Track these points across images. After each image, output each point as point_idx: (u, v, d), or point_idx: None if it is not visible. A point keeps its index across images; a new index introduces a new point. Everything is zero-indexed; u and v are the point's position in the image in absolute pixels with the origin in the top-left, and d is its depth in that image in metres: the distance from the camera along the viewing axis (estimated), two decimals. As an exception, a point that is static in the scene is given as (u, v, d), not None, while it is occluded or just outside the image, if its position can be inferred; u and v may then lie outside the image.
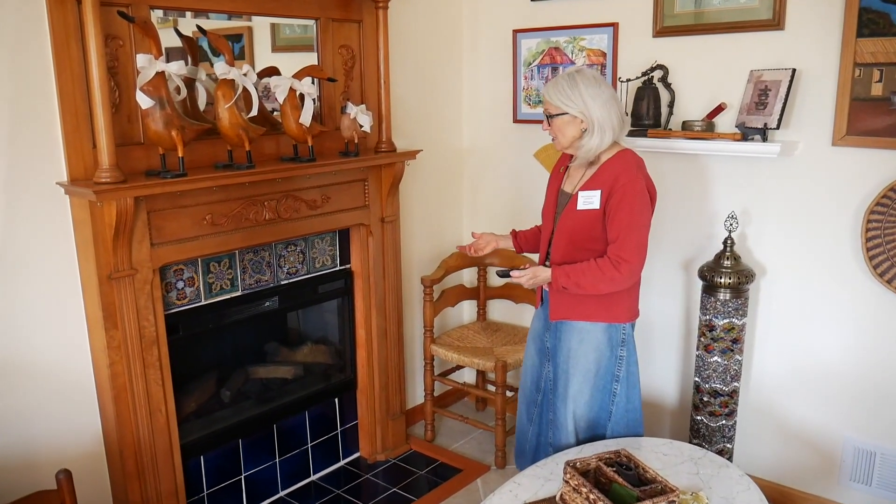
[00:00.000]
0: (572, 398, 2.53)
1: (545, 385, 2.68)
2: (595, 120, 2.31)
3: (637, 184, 2.33)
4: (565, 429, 2.56)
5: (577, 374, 2.51)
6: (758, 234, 2.92)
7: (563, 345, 2.53)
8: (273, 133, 2.78)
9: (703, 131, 2.86)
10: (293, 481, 3.21)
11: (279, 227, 2.79)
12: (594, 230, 2.37)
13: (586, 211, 2.37)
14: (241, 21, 2.74)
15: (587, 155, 2.38)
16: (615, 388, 2.55)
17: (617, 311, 2.47)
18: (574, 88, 2.31)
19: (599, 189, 2.35)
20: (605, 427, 2.58)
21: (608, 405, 2.57)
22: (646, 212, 2.37)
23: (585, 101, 2.30)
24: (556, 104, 2.35)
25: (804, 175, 2.77)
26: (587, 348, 2.49)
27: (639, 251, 2.35)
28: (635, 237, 2.33)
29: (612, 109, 2.33)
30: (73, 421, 2.43)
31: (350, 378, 3.36)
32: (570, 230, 2.42)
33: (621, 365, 2.53)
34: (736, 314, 2.77)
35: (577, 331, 2.49)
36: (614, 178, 2.33)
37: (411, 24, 3.40)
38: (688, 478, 2.27)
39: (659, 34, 3.02)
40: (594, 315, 2.46)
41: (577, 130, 2.35)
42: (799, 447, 2.97)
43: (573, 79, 2.33)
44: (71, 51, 2.19)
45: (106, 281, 2.31)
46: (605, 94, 2.33)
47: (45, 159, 2.24)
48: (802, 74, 2.69)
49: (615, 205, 2.32)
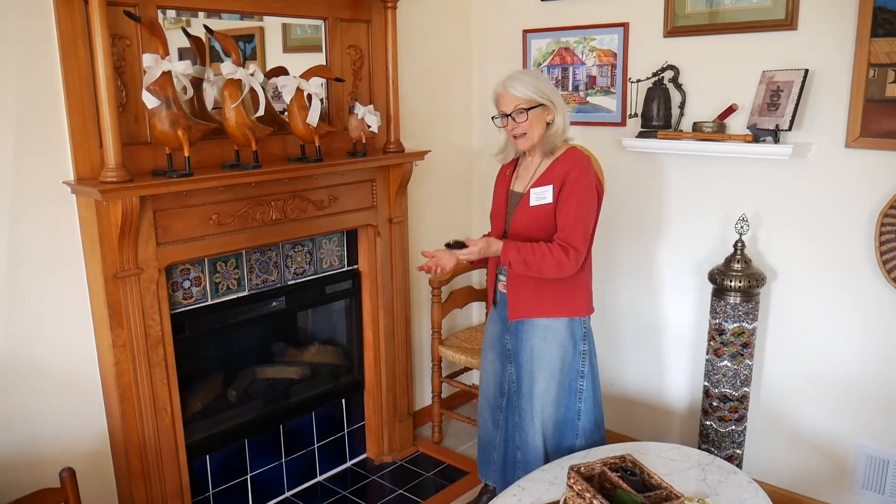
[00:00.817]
0: (539, 397, 2.52)
1: (508, 388, 2.67)
2: (558, 105, 2.40)
3: (587, 177, 2.38)
4: (532, 429, 2.56)
5: (542, 372, 2.51)
6: (769, 238, 2.89)
7: (525, 344, 2.53)
8: (280, 133, 2.77)
9: (714, 133, 2.82)
10: (299, 482, 3.20)
11: (286, 227, 2.79)
12: (548, 225, 2.42)
13: (539, 206, 2.41)
14: (252, 21, 2.74)
15: (556, 140, 2.42)
16: (581, 385, 2.56)
17: (576, 305, 2.50)
18: (538, 79, 2.39)
19: (552, 184, 2.40)
20: (574, 426, 2.58)
21: (575, 403, 2.57)
22: (593, 206, 2.42)
23: (549, 88, 2.40)
24: (529, 97, 2.37)
25: (817, 177, 2.72)
26: (551, 345, 2.49)
27: (585, 242, 2.39)
28: (582, 228, 2.38)
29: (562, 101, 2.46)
30: (79, 419, 2.44)
31: (357, 379, 3.35)
32: (524, 227, 2.45)
33: (585, 360, 2.55)
34: (746, 318, 2.74)
35: (540, 328, 2.49)
36: (565, 172, 2.39)
37: (420, 23, 3.38)
38: (695, 484, 2.24)
39: (670, 34, 2.99)
40: (555, 311, 2.48)
41: (545, 121, 2.41)
42: (810, 454, 2.93)
43: (531, 73, 2.45)
44: (78, 50, 2.19)
45: (112, 280, 2.31)
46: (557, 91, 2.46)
47: (52, 158, 2.25)
48: (815, 75, 2.66)
49: (566, 196, 2.37)
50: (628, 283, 3.36)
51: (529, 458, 2.58)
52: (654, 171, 3.16)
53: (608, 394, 3.52)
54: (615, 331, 3.46)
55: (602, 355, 3.50)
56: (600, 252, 3.40)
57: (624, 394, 3.49)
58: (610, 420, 3.51)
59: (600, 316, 3.48)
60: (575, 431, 2.59)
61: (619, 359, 3.48)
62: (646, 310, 3.33)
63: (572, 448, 2.57)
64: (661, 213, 3.18)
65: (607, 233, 3.37)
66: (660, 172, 3.14)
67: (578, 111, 3.34)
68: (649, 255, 3.27)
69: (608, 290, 3.44)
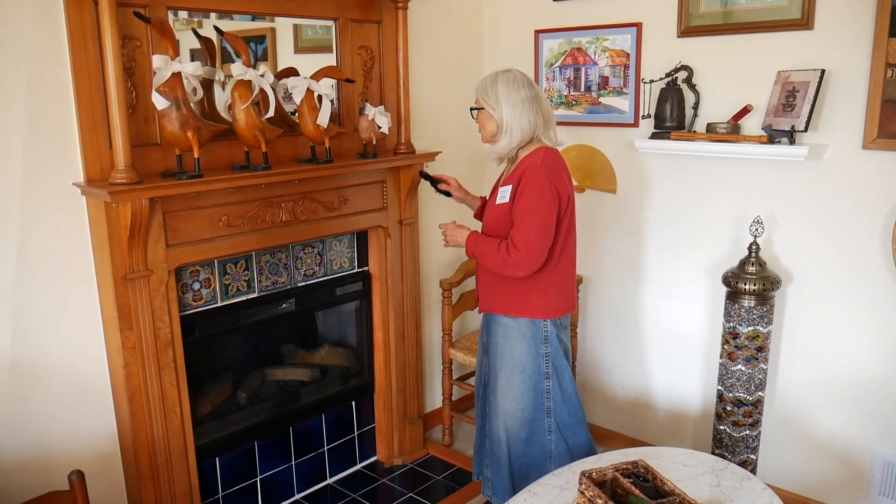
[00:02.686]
0: (501, 391, 2.56)
1: (484, 380, 2.71)
2: (504, 121, 2.37)
3: (537, 178, 2.34)
4: (496, 420, 2.61)
5: (503, 367, 2.55)
6: (784, 240, 2.85)
7: (491, 339, 2.59)
8: (290, 134, 2.76)
9: (728, 134, 2.79)
10: (309, 484, 3.19)
11: (296, 228, 2.78)
12: (507, 224, 2.43)
13: (501, 205, 2.44)
14: (263, 23, 2.73)
15: (499, 151, 2.44)
16: (547, 386, 2.56)
17: (531, 307, 2.49)
18: (493, 87, 2.39)
19: (511, 184, 2.42)
20: (544, 424, 2.59)
21: (543, 402, 2.58)
22: (542, 206, 2.34)
23: (499, 101, 2.37)
24: (477, 97, 2.44)
25: (833, 179, 2.69)
26: (511, 343, 2.53)
27: (528, 243, 2.34)
28: (526, 228, 2.34)
29: (524, 112, 2.37)
30: (88, 421, 2.43)
31: (367, 381, 3.34)
32: (488, 223, 2.51)
33: (548, 361, 2.54)
34: (761, 322, 2.70)
35: (503, 326, 2.54)
36: (521, 172, 2.39)
37: (431, 24, 3.36)
38: (708, 490, 2.21)
39: (684, 34, 2.96)
40: (510, 308, 2.51)
41: (495, 127, 2.42)
42: (826, 459, 2.89)
43: (495, 78, 2.41)
44: (88, 51, 2.19)
45: (121, 281, 2.31)
46: (519, 96, 2.36)
47: (62, 160, 2.25)
48: (832, 75, 2.62)
49: (517, 195, 2.38)
50: (640, 286, 3.33)
51: (494, 449, 2.64)
52: (667, 173, 3.13)
53: (620, 397, 3.50)
54: (627, 334, 3.43)
55: (614, 358, 3.47)
56: (613, 254, 3.38)
57: (636, 397, 3.46)
58: (621, 424, 3.49)
59: (612, 318, 3.45)
60: (545, 428, 2.59)
61: (631, 362, 3.45)
62: (658, 313, 3.30)
63: (545, 444, 2.59)
64: (674, 215, 3.15)
65: (619, 235, 3.35)
66: (673, 174, 3.11)
67: (591, 112, 3.32)
68: (662, 257, 3.23)
69: (620, 293, 3.41)
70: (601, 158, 3.32)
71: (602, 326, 3.49)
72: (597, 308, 3.49)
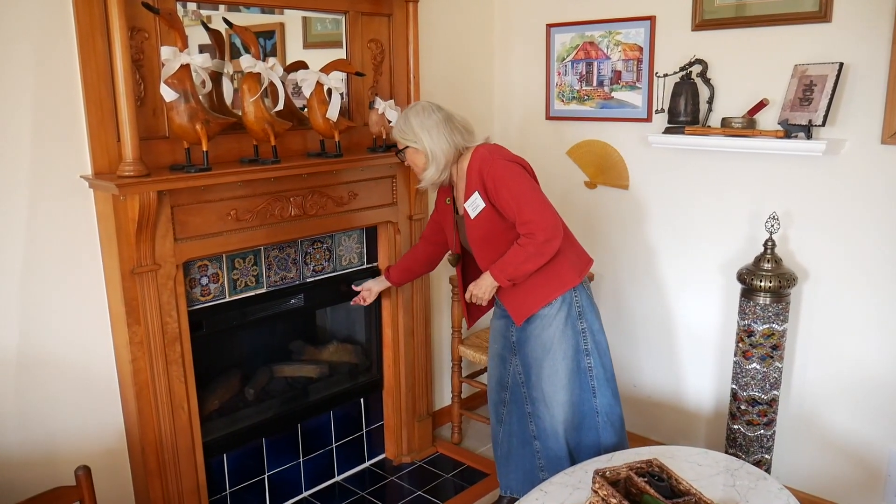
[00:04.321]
0: (547, 382, 2.53)
1: (513, 381, 2.67)
2: (427, 148, 2.42)
3: (497, 163, 2.38)
4: (547, 415, 2.56)
5: (546, 357, 2.52)
6: (800, 237, 2.80)
7: (528, 334, 2.55)
8: (300, 128, 2.74)
9: (743, 128, 2.75)
10: (317, 482, 3.17)
11: (305, 223, 2.75)
12: (498, 225, 2.43)
13: (480, 214, 2.43)
14: (272, 16, 2.71)
15: (432, 179, 2.47)
16: (589, 363, 2.56)
17: (567, 276, 2.49)
18: (406, 123, 2.45)
19: (475, 190, 2.41)
20: (592, 405, 2.58)
21: (588, 382, 2.56)
22: (522, 179, 2.39)
23: (416, 133, 2.42)
24: (398, 139, 2.49)
25: (851, 175, 2.64)
26: (550, 332, 2.51)
27: (542, 213, 2.36)
28: (529, 205, 2.35)
29: (441, 135, 2.42)
30: (95, 417, 2.41)
31: (376, 378, 3.31)
32: (481, 239, 2.48)
33: (586, 337, 2.54)
34: (776, 319, 2.66)
35: (538, 317, 2.51)
36: (477, 174, 2.40)
37: (442, 17, 3.33)
38: (723, 490, 2.17)
39: (698, 27, 2.91)
40: (550, 294, 2.48)
41: (423, 158, 2.45)
42: (842, 460, 2.85)
43: (405, 114, 2.48)
44: (96, 43, 2.16)
45: (129, 276, 2.28)
46: (431, 121, 2.43)
47: (70, 152, 2.23)
48: (850, 69, 2.57)
49: (494, 193, 2.37)
50: (653, 283, 3.29)
51: (550, 445, 2.59)
52: (681, 168, 3.08)
53: (632, 395, 3.46)
54: (640, 331, 3.39)
55: (626, 356, 3.44)
56: (626, 250, 3.35)
57: (648, 396, 3.42)
58: (634, 422, 3.45)
59: (625, 315, 3.42)
60: (594, 410, 2.58)
61: (643, 360, 3.41)
62: (671, 310, 3.26)
63: (597, 429, 2.58)
64: (688, 212, 3.11)
65: (631, 231, 3.31)
66: (687, 169, 3.07)
67: (603, 107, 3.28)
68: (675, 253, 3.19)
69: (633, 290, 3.37)
70: (613, 154, 3.28)
71: (613, 324, 3.44)
72: (608, 305, 3.45)
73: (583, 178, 3.42)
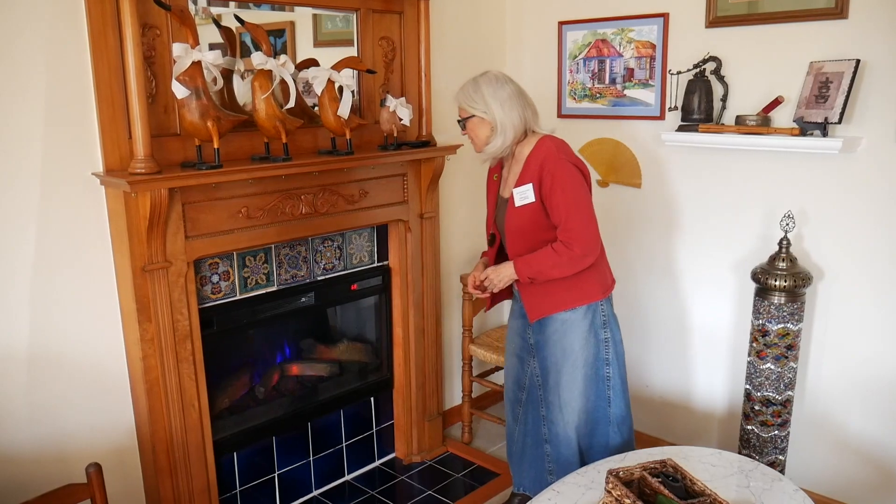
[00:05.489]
0: (565, 388, 2.50)
1: (531, 382, 2.64)
2: (497, 119, 2.36)
3: (561, 164, 2.33)
4: (560, 420, 2.54)
5: (565, 363, 2.49)
6: (816, 236, 2.77)
7: (547, 338, 2.51)
8: (311, 126, 2.73)
9: (758, 126, 2.72)
10: (327, 481, 3.16)
11: (316, 221, 2.74)
12: (539, 222, 2.39)
13: (525, 206, 2.39)
14: (283, 14, 2.70)
15: (494, 152, 2.42)
16: (608, 373, 2.53)
17: (590, 290, 2.45)
18: (477, 90, 2.38)
19: (530, 182, 2.37)
20: (606, 413, 2.55)
21: (604, 391, 2.54)
22: (580, 189, 2.36)
23: (487, 102, 2.36)
24: (463, 107, 2.42)
25: (867, 173, 2.61)
26: (572, 337, 2.47)
27: (587, 227, 2.34)
28: (579, 215, 2.33)
29: (514, 107, 2.37)
30: (106, 414, 2.41)
31: (386, 377, 3.30)
32: (517, 229, 2.43)
33: (608, 347, 2.51)
34: (791, 319, 2.63)
35: (560, 321, 2.47)
36: (539, 166, 2.35)
37: (453, 15, 3.32)
38: (737, 491, 2.15)
39: (712, 24, 2.89)
40: (571, 301, 2.44)
41: (488, 130, 2.40)
42: (857, 461, 2.81)
43: (476, 82, 2.40)
44: (108, 40, 2.16)
45: (140, 273, 2.28)
46: (505, 92, 2.37)
47: (81, 149, 2.22)
48: (867, 66, 2.54)
49: (548, 191, 2.33)
50: (666, 282, 3.26)
51: (562, 450, 2.57)
52: (695, 167, 3.06)
53: (644, 395, 3.43)
54: (652, 331, 3.36)
55: (639, 356, 3.41)
56: (638, 249, 3.32)
57: (661, 396, 3.39)
58: (646, 423, 3.43)
59: (637, 315, 3.39)
60: (607, 418, 2.56)
61: (655, 360, 3.38)
62: (684, 309, 3.23)
63: (606, 436, 2.56)
64: (702, 210, 3.08)
65: (643, 230, 3.28)
66: (700, 168, 3.04)
67: (615, 105, 3.25)
68: (688, 253, 3.16)
69: (645, 289, 3.34)
70: (626, 152, 3.26)
71: (626, 324, 3.40)
72: (620, 305, 3.39)
73: (595, 176, 3.39)
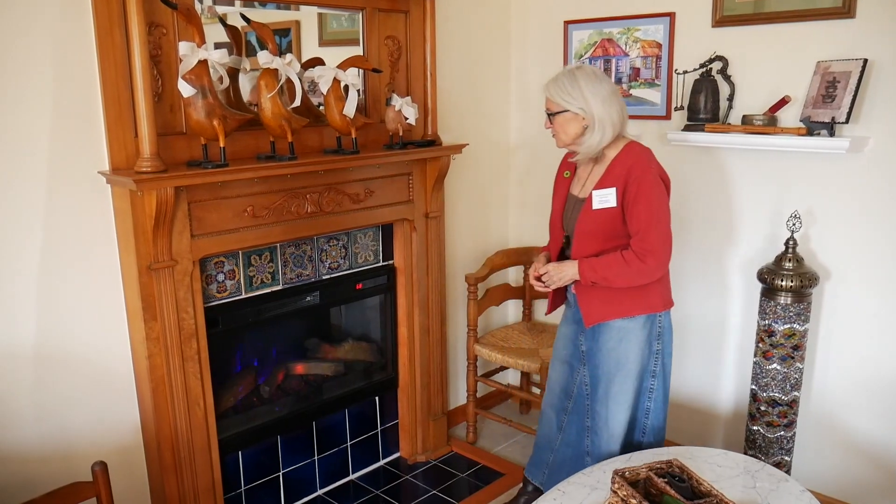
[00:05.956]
0: (614, 400, 2.46)
1: (579, 391, 2.60)
2: (596, 116, 2.29)
3: (650, 175, 2.29)
4: (606, 432, 2.49)
5: (618, 373, 2.44)
6: (822, 236, 2.76)
7: (601, 346, 2.46)
8: (316, 125, 2.72)
9: (764, 126, 2.71)
10: (332, 480, 3.16)
11: (321, 220, 2.74)
12: (614, 228, 2.33)
13: (603, 210, 2.33)
14: (289, 13, 2.70)
15: (588, 152, 2.35)
16: (651, 385, 2.50)
17: (652, 301, 2.41)
18: (574, 85, 2.29)
19: (613, 186, 2.31)
20: (641, 425, 2.53)
21: (644, 402, 2.51)
22: (664, 201, 2.32)
23: (586, 98, 2.28)
24: (556, 101, 2.33)
25: (874, 173, 2.60)
26: (627, 347, 2.42)
27: (664, 241, 2.30)
28: (658, 228, 2.29)
29: (613, 105, 2.30)
30: (111, 413, 2.41)
31: (391, 376, 3.30)
32: (589, 232, 2.37)
33: (657, 359, 2.48)
34: (797, 319, 2.62)
35: (616, 329, 2.42)
36: (626, 172, 2.29)
37: (459, 14, 3.31)
38: (743, 491, 2.14)
39: (719, 24, 2.88)
40: (630, 309, 2.39)
41: (579, 127, 2.33)
42: (863, 463, 2.80)
43: (573, 75, 2.31)
44: (114, 38, 2.16)
45: (146, 272, 2.28)
46: (606, 90, 2.30)
47: (88, 148, 2.22)
48: (874, 65, 2.53)
49: (632, 199, 2.28)
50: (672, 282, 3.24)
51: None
52: (701, 167, 3.05)
53: (648, 396, 3.42)
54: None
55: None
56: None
57: (665, 396, 3.38)
58: (650, 423, 3.41)
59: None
60: (642, 430, 2.53)
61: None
62: (689, 309, 3.22)
63: (640, 446, 2.53)
64: (708, 210, 3.07)
65: (649, 230, 3.27)
66: (706, 168, 3.03)
67: (621, 104, 3.24)
68: (694, 253, 3.16)
69: (650, 289, 3.33)
70: (631, 152, 3.25)
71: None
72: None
73: (600, 176, 3.38)
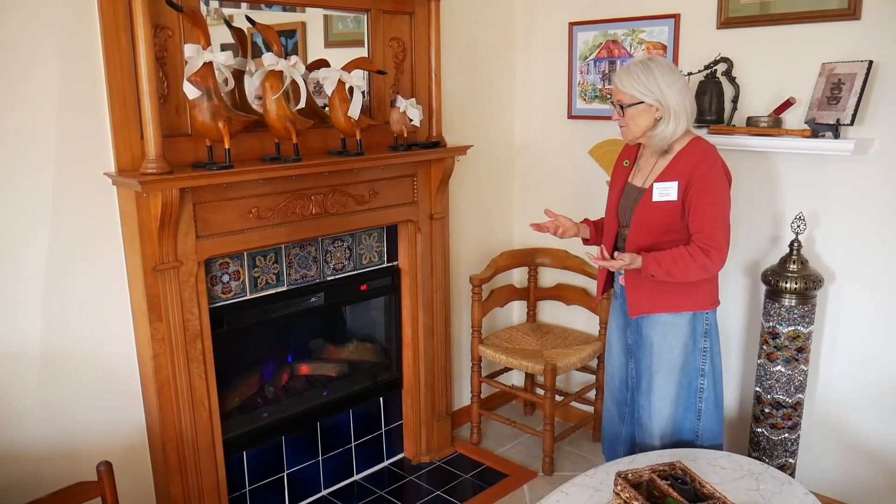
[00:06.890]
0: (657, 395, 2.45)
1: (630, 382, 2.60)
2: (671, 108, 2.26)
3: (716, 171, 2.28)
4: (649, 426, 2.49)
5: (661, 369, 2.43)
6: (827, 238, 2.76)
7: (645, 340, 2.45)
8: (321, 126, 2.73)
9: (769, 127, 2.71)
10: (336, 480, 3.17)
11: (326, 221, 2.75)
12: (672, 221, 2.32)
13: (663, 203, 2.31)
14: (294, 15, 2.70)
15: (661, 143, 2.33)
16: (701, 384, 2.46)
17: (700, 298, 2.39)
18: (650, 77, 2.26)
19: (676, 180, 2.30)
20: (693, 426, 2.50)
21: (695, 403, 2.47)
22: (727, 201, 2.32)
23: (662, 90, 2.26)
24: (630, 93, 2.29)
25: (879, 175, 2.59)
26: (672, 342, 2.41)
27: (726, 238, 2.30)
28: (723, 226, 2.29)
29: (687, 98, 2.30)
30: (116, 413, 2.42)
31: (396, 377, 3.31)
32: (646, 223, 2.35)
33: (706, 357, 2.45)
34: (802, 321, 2.62)
35: (661, 324, 2.41)
36: (692, 167, 2.28)
37: (464, 16, 3.32)
38: (747, 494, 2.14)
39: (723, 25, 2.88)
40: (677, 305, 2.38)
41: (651, 119, 2.30)
42: (868, 465, 2.79)
43: (647, 67, 2.28)
44: (120, 41, 2.17)
45: (151, 272, 2.29)
46: (680, 81, 2.29)
47: (93, 149, 2.24)
48: (879, 67, 2.52)
49: (696, 195, 2.26)
50: (675, 284, 3.25)
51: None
52: (705, 168, 3.04)
53: (653, 397, 3.42)
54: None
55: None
56: (646, 251, 3.31)
57: (669, 398, 3.38)
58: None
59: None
60: (694, 432, 2.50)
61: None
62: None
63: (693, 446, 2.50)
64: (712, 212, 3.06)
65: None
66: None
67: (625, 106, 3.24)
68: (698, 254, 3.15)
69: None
70: (636, 153, 3.25)
71: (635, 325, 3.41)
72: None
73: (605, 177, 3.38)
